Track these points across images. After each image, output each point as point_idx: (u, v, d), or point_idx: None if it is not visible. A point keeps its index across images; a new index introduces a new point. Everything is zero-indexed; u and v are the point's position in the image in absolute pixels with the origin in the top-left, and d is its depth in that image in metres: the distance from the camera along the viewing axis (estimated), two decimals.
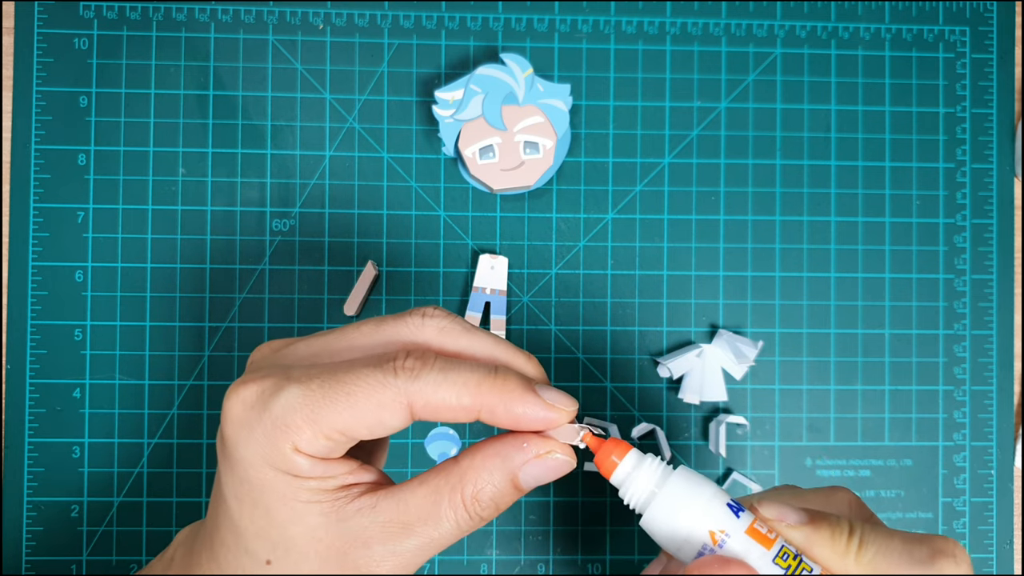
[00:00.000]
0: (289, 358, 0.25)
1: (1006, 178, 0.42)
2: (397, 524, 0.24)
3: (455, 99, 0.38)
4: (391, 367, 0.23)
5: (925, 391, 0.41)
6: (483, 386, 0.23)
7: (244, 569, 0.24)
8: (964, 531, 0.40)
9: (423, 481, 0.24)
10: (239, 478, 0.24)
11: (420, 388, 0.23)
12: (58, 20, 0.39)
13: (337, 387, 0.23)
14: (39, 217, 0.39)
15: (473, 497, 0.24)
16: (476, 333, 0.25)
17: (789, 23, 0.41)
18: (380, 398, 0.23)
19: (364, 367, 0.23)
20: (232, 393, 0.23)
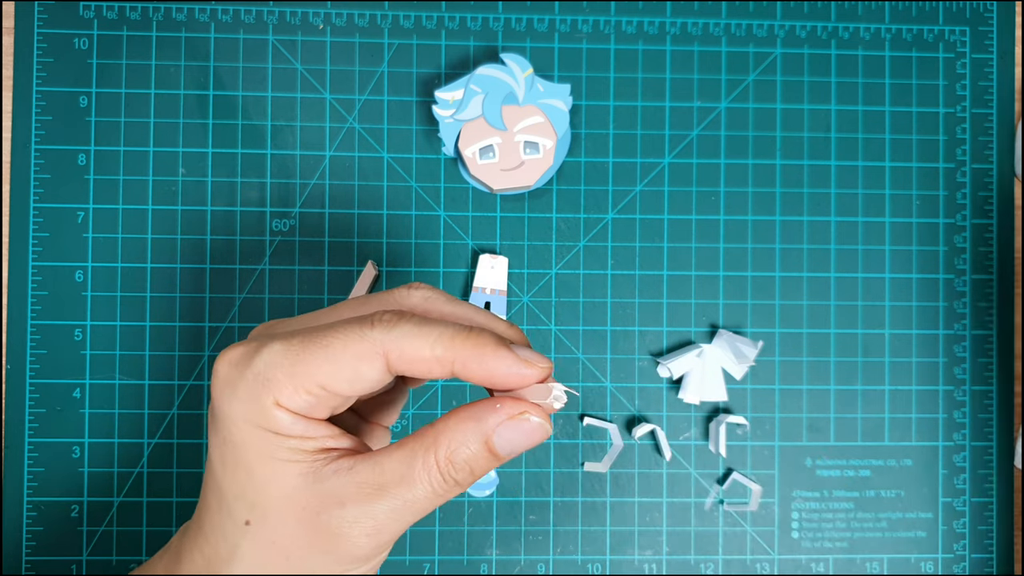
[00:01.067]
0: (279, 328, 0.26)
1: (1006, 178, 0.42)
2: (372, 485, 0.24)
3: (455, 99, 0.38)
4: (368, 320, 0.24)
5: (925, 391, 0.41)
6: (457, 339, 0.24)
7: (225, 531, 0.25)
8: (964, 531, 0.40)
9: (400, 445, 0.24)
10: (222, 438, 0.24)
11: (395, 338, 0.23)
12: (58, 20, 0.39)
13: (316, 340, 0.24)
14: (39, 217, 0.39)
15: (447, 459, 0.24)
16: (459, 303, 0.26)
17: (789, 23, 0.41)
18: (356, 349, 0.23)
19: (343, 323, 0.24)
20: (220, 356, 0.24)
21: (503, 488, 0.40)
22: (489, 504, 0.39)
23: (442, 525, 0.39)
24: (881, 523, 0.40)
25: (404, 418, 0.39)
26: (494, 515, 0.39)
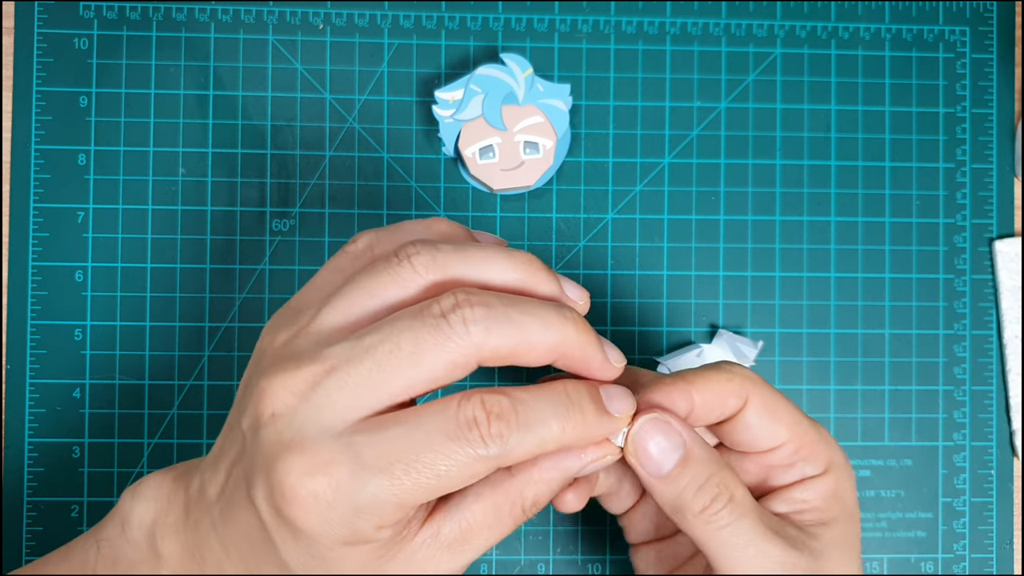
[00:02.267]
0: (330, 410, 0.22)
1: (1006, 178, 0.42)
2: (460, 542, 0.24)
3: (455, 99, 0.38)
4: (477, 439, 0.22)
5: (925, 391, 0.41)
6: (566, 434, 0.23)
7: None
8: (964, 531, 0.40)
9: (478, 495, 0.24)
10: (312, 555, 0.23)
11: (510, 452, 0.22)
12: (58, 20, 0.39)
13: (423, 468, 0.22)
14: (39, 217, 0.39)
15: (533, 503, 0.25)
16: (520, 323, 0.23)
17: (789, 23, 0.41)
18: (473, 471, 0.22)
19: (447, 439, 0.22)
20: (298, 486, 0.22)
21: None
22: None
23: None
24: (881, 523, 0.40)
25: None
26: None
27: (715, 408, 0.27)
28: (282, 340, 0.24)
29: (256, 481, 0.23)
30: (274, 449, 0.22)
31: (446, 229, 0.27)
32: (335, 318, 0.24)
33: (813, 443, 0.28)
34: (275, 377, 0.23)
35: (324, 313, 0.24)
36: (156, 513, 0.26)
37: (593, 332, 0.25)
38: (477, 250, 0.24)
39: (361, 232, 0.27)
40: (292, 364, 0.23)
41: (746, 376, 0.27)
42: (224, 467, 0.25)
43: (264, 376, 0.23)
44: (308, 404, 0.22)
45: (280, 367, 0.23)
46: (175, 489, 0.26)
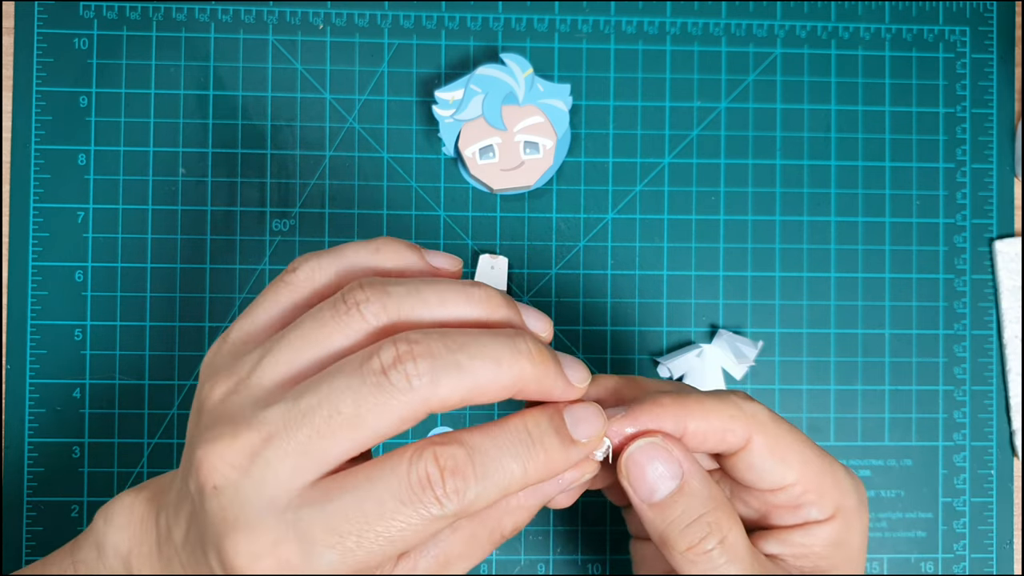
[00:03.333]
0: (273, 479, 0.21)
1: (1006, 178, 0.42)
2: (439, 570, 0.24)
3: (455, 99, 0.38)
4: (432, 500, 0.21)
5: (925, 391, 0.41)
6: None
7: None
8: (964, 531, 0.40)
9: (455, 528, 0.24)
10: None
11: (469, 507, 0.22)
12: (58, 20, 0.39)
13: (376, 537, 0.21)
14: (39, 217, 0.39)
15: (513, 530, 0.25)
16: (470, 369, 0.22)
17: (789, 23, 0.41)
18: (430, 530, 0.21)
19: (399, 504, 0.21)
20: (246, 565, 0.21)
21: None
22: None
23: None
24: (881, 523, 0.40)
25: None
26: None
27: (710, 440, 0.25)
28: (219, 394, 0.23)
29: (209, 551, 0.22)
30: (220, 526, 0.21)
31: (393, 257, 0.25)
32: (275, 371, 0.22)
33: (823, 487, 0.26)
34: (213, 447, 0.21)
35: (264, 365, 0.22)
36: (131, 542, 0.25)
37: (551, 359, 0.23)
38: (431, 290, 0.23)
39: (299, 258, 0.25)
40: (229, 431, 0.21)
41: (754, 414, 0.25)
42: (184, 516, 0.23)
43: (202, 445, 0.22)
44: (249, 478, 0.21)
45: (217, 434, 0.21)
46: (146, 517, 0.25)
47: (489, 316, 0.23)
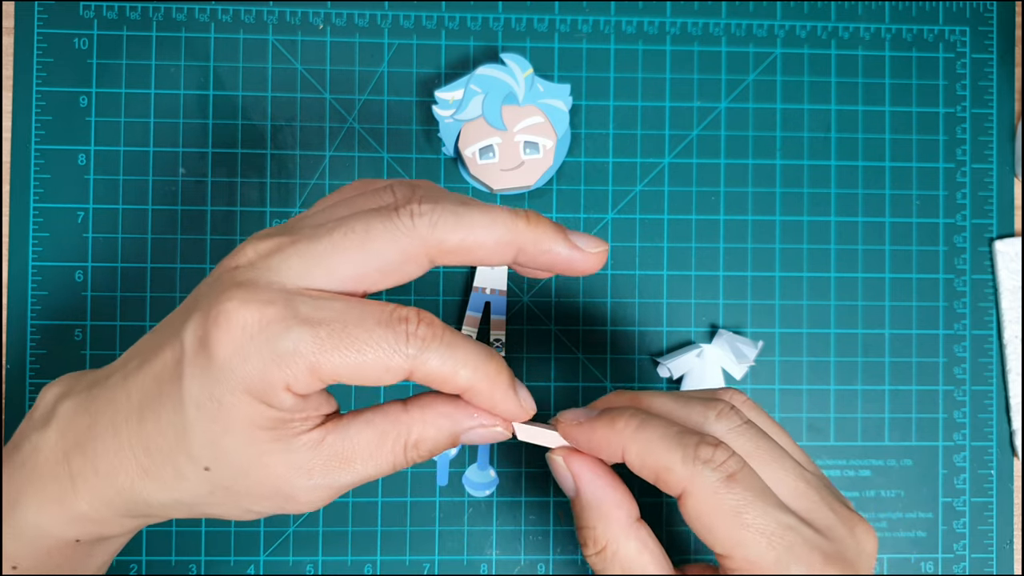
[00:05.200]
0: (282, 273, 0.24)
1: (1006, 178, 0.42)
2: (339, 460, 0.26)
3: (455, 99, 0.38)
4: (403, 331, 0.24)
5: (925, 391, 0.41)
6: (479, 371, 0.25)
7: (179, 465, 0.25)
8: (964, 531, 0.40)
9: (369, 422, 0.26)
10: (212, 395, 0.24)
11: (426, 360, 0.24)
12: (58, 20, 0.39)
13: (348, 340, 0.23)
14: (39, 217, 0.39)
15: (415, 445, 0.26)
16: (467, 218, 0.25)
17: (789, 23, 0.41)
18: (388, 363, 0.24)
19: (377, 324, 0.24)
20: (229, 309, 0.23)
21: (503, 488, 0.40)
22: (489, 504, 0.39)
23: (442, 525, 0.39)
24: (881, 523, 0.40)
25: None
26: (494, 515, 0.39)
27: (647, 475, 0.26)
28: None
29: (194, 315, 0.24)
30: (226, 287, 0.24)
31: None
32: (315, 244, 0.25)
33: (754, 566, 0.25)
34: (251, 242, 0.25)
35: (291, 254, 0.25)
36: (63, 388, 0.27)
37: (551, 224, 0.25)
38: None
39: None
40: (268, 234, 0.25)
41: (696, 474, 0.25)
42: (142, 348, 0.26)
43: (246, 242, 0.25)
44: (267, 262, 0.24)
45: (260, 236, 0.25)
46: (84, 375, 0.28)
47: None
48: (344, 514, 0.39)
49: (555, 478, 0.28)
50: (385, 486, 0.39)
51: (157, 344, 0.26)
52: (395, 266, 0.24)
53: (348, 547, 0.39)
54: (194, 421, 0.25)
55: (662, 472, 0.26)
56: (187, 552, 0.38)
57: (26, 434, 0.28)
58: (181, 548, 0.38)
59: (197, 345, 0.24)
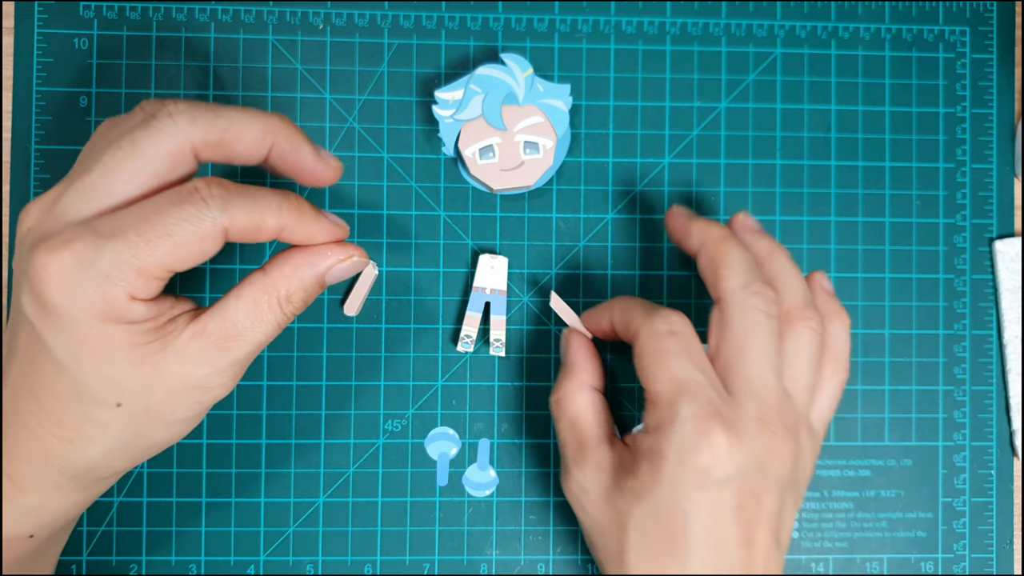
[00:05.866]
0: (70, 213, 0.26)
1: (1006, 178, 0.42)
2: (228, 338, 0.28)
3: (455, 99, 0.38)
4: (199, 198, 0.26)
5: (925, 391, 0.41)
6: (283, 208, 0.28)
7: (91, 415, 0.27)
8: (964, 531, 0.40)
9: (238, 296, 0.28)
10: (74, 338, 0.26)
11: (233, 215, 0.26)
12: (58, 20, 0.39)
13: (155, 230, 0.25)
14: None
15: (288, 299, 0.29)
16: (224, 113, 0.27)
17: (789, 23, 0.41)
18: (200, 231, 0.26)
19: (171, 205, 0.26)
20: (43, 262, 0.25)
21: (503, 488, 0.40)
22: (489, 504, 0.39)
23: (442, 525, 0.39)
24: (881, 523, 0.40)
25: (404, 418, 0.39)
26: (494, 515, 0.39)
27: (618, 333, 0.35)
28: None
29: (21, 290, 0.26)
30: (29, 252, 0.25)
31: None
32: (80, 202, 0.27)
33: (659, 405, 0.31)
34: (28, 209, 0.27)
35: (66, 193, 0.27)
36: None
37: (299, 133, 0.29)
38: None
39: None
40: (43, 195, 0.27)
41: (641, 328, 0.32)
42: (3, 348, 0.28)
43: (24, 211, 0.27)
44: (52, 212, 0.26)
45: (34, 201, 0.27)
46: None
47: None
48: (344, 514, 0.39)
49: (560, 350, 0.37)
50: (385, 486, 0.39)
51: (11, 334, 0.27)
52: (167, 168, 0.26)
53: (348, 547, 0.39)
54: (77, 370, 0.26)
55: (629, 324, 0.33)
56: (187, 552, 0.38)
57: None
58: (181, 548, 0.38)
59: (38, 310, 0.25)
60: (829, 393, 0.34)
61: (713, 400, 0.30)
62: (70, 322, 0.25)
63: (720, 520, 0.29)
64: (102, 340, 0.26)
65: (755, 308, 0.31)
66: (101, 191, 0.26)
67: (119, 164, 0.26)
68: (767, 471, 0.30)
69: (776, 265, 0.34)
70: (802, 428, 0.32)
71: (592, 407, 0.34)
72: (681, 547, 0.29)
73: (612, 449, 0.33)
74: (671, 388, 0.30)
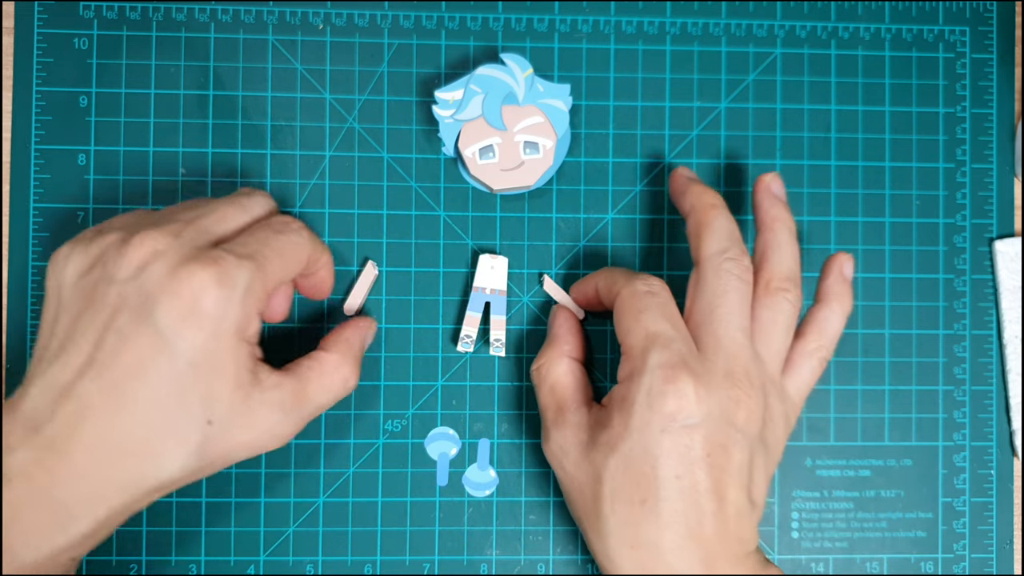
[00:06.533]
0: (199, 240, 0.30)
1: (1006, 178, 0.42)
2: (303, 397, 0.32)
3: (455, 99, 0.38)
4: (292, 229, 0.32)
5: (925, 391, 0.41)
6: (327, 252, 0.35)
7: (184, 431, 0.29)
8: (964, 531, 0.40)
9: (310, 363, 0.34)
10: (206, 348, 0.28)
11: (313, 244, 0.33)
12: (58, 20, 0.39)
13: (273, 253, 0.31)
14: (39, 217, 0.39)
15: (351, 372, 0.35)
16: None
17: (789, 23, 0.41)
18: (299, 255, 0.32)
19: (278, 233, 0.32)
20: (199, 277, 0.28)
21: (503, 488, 0.40)
22: (489, 504, 0.39)
23: (442, 525, 0.39)
24: (881, 523, 0.40)
25: (404, 418, 0.39)
26: (494, 515, 0.39)
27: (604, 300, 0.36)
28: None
29: (157, 304, 0.28)
30: (175, 267, 0.29)
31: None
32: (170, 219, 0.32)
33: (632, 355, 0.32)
34: (154, 232, 0.30)
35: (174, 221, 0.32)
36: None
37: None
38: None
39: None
40: (152, 227, 0.30)
41: (620, 290, 0.34)
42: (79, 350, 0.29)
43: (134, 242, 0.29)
44: (180, 239, 0.30)
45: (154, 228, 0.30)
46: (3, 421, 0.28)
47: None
48: (344, 514, 0.39)
49: (548, 324, 0.38)
50: (385, 486, 0.39)
51: (115, 347, 0.28)
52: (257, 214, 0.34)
53: (348, 547, 0.39)
54: (195, 382, 0.28)
55: (612, 287, 0.35)
56: (187, 552, 0.38)
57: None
58: (181, 548, 0.38)
59: (179, 320, 0.28)
60: (809, 367, 0.35)
61: (682, 351, 0.31)
62: (213, 332, 0.28)
63: (690, 468, 0.30)
64: (228, 354, 0.29)
65: (728, 272, 0.33)
66: (213, 229, 0.31)
67: (220, 215, 0.32)
68: (734, 424, 0.31)
69: (774, 235, 0.35)
70: (771, 390, 0.33)
71: (572, 374, 0.35)
72: (652, 495, 0.30)
73: (590, 411, 0.34)
74: (643, 340, 0.32)
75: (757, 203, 0.36)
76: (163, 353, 0.28)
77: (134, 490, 0.28)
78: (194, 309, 0.28)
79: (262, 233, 0.31)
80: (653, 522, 0.30)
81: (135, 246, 0.29)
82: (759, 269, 0.34)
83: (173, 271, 0.28)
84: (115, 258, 0.29)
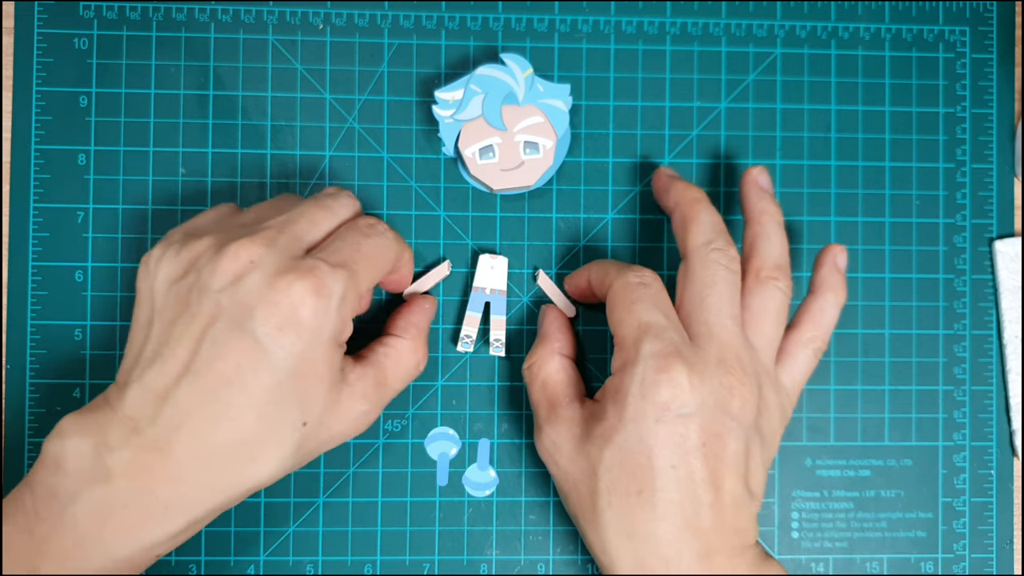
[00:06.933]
0: (292, 248, 0.31)
1: (1006, 178, 0.42)
2: (381, 383, 0.33)
3: (455, 99, 0.38)
4: (378, 232, 0.33)
5: (925, 391, 0.41)
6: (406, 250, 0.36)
7: (282, 434, 0.29)
8: (964, 531, 0.40)
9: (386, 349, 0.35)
10: (304, 356, 0.29)
11: (400, 247, 0.34)
12: (58, 20, 0.39)
13: (363, 259, 0.31)
14: (39, 217, 0.39)
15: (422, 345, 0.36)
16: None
17: (789, 23, 0.41)
18: (388, 258, 0.33)
19: (366, 237, 0.32)
20: (298, 287, 0.29)
21: (503, 488, 0.40)
22: (489, 504, 0.39)
23: (442, 525, 0.39)
24: (881, 523, 0.40)
25: (404, 417, 0.39)
26: (494, 515, 0.39)
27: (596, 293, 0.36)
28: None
29: (255, 313, 0.28)
30: (265, 283, 0.29)
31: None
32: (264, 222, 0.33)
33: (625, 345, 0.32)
34: (247, 242, 0.30)
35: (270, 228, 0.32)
36: (94, 441, 0.28)
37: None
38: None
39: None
40: (245, 236, 0.30)
41: (611, 283, 0.34)
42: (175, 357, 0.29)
43: (230, 250, 0.30)
44: (274, 248, 0.30)
45: (247, 238, 0.30)
46: (99, 419, 0.29)
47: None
48: (344, 514, 0.39)
49: (538, 323, 0.39)
50: (385, 486, 0.39)
51: (211, 355, 0.28)
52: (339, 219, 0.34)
53: (348, 547, 0.39)
54: (293, 388, 0.29)
55: (604, 279, 0.35)
56: (187, 552, 0.38)
57: (77, 490, 0.28)
58: (181, 548, 0.38)
59: (279, 328, 0.29)
60: (804, 358, 0.35)
61: (675, 340, 0.31)
62: (311, 341, 0.29)
63: (685, 458, 0.30)
64: (323, 360, 0.30)
65: (716, 262, 0.33)
66: (304, 236, 0.31)
67: (310, 219, 0.32)
68: (728, 412, 0.31)
69: (762, 226, 0.35)
70: (765, 380, 0.33)
71: (563, 370, 0.36)
72: (648, 486, 0.30)
73: (583, 406, 0.34)
74: (636, 331, 0.32)
75: (744, 197, 0.36)
76: (261, 362, 0.28)
77: (231, 492, 0.29)
78: (292, 319, 0.29)
79: (352, 238, 0.32)
80: (649, 512, 0.30)
81: (230, 257, 0.29)
82: (748, 260, 0.34)
83: (270, 282, 0.29)
84: (209, 267, 0.29)
